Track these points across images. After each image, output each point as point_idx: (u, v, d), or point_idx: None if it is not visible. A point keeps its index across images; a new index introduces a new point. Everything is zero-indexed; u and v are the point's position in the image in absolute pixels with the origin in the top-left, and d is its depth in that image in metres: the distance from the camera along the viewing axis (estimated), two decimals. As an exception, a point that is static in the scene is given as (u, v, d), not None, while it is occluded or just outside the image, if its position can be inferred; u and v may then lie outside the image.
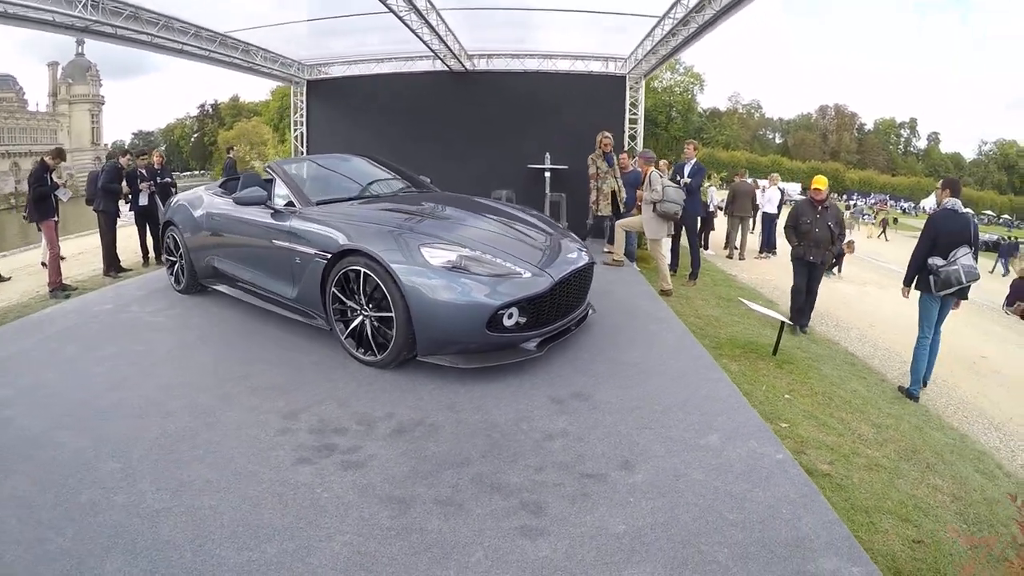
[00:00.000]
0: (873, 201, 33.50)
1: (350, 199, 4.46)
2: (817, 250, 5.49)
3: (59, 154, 6.63)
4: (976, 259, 4.41)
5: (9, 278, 7.84)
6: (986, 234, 26.80)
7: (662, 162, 8.56)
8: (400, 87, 10.72)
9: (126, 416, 3.02)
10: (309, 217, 4.05)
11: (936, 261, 4.41)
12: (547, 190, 9.18)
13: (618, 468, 2.57)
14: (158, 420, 2.98)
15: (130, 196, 7.41)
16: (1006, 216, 53.08)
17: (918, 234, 4.73)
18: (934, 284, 4.43)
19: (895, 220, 34.60)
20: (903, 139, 68.72)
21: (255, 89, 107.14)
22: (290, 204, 4.23)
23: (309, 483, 2.44)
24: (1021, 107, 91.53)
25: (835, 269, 10.75)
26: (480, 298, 3.29)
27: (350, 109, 11.06)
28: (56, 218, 6.45)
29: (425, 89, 10.56)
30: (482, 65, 10.40)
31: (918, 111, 69.89)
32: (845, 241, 6.36)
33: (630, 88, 10.19)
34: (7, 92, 54.13)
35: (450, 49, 9.05)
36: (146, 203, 7.59)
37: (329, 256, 3.69)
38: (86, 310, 5.06)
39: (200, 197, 5.21)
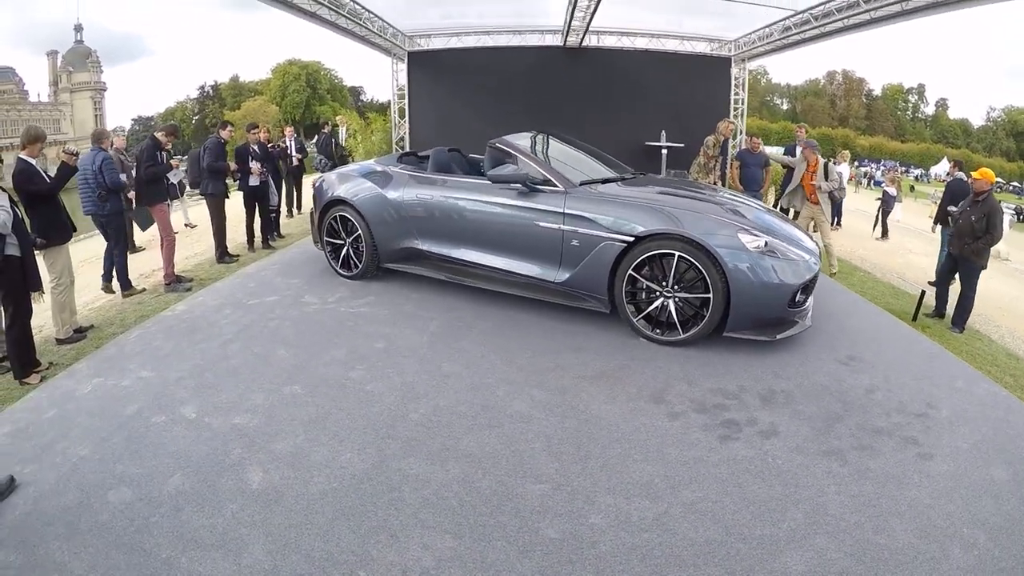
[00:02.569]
0: (885, 168, 34.69)
1: (605, 180, 4.85)
2: (957, 241, 5.90)
3: (173, 131, 6.29)
4: None
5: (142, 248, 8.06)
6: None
7: (754, 139, 9.18)
8: (506, 61, 10.95)
9: (492, 437, 3.06)
10: (587, 198, 4.34)
11: (952, 208, 6.69)
12: (663, 167, 9.81)
13: (928, 407, 3.49)
14: (539, 429, 3.10)
15: (239, 175, 7.19)
16: (1015, 183, 54.71)
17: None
18: (952, 220, 6.37)
19: (911, 188, 35.55)
20: (911, 105, 69.89)
21: (254, 68, 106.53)
22: (546, 184, 4.47)
23: (754, 455, 2.91)
24: None
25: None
26: (786, 279, 3.96)
27: (453, 83, 11.18)
28: (169, 202, 6.36)
29: (533, 64, 10.86)
30: (591, 42, 10.78)
31: (926, 77, 70.52)
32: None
33: (735, 70, 10.85)
34: (7, 84, 53.52)
35: (568, 24, 9.38)
36: (257, 183, 7.29)
37: (631, 239, 4.07)
38: (249, 306, 5.01)
39: (387, 175, 5.35)
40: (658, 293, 4.17)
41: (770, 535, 2.37)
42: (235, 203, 7.42)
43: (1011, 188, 52.65)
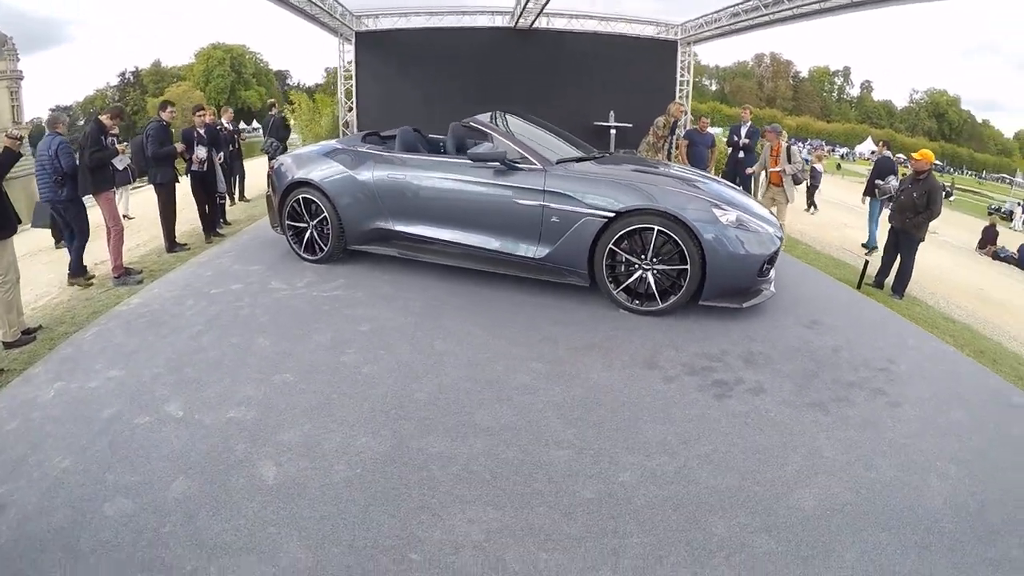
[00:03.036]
0: (812, 147, 36.63)
1: (579, 159, 4.96)
2: (898, 216, 6.28)
3: (118, 113, 5.85)
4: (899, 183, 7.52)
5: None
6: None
7: (703, 119, 9.61)
8: (455, 42, 10.84)
9: (505, 409, 3.12)
10: (566, 176, 4.45)
11: (879, 182, 8.75)
12: (612, 146, 10.04)
13: (888, 363, 3.88)
14: (547, 399, 3.23)
15: (188, 158, 6.75)
16: (937, 162, 58.71)
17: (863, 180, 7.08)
18: (878, 193, 8.62)
19: (838, 166, 37.48)
20: (837, 87, 73.10)
21: (176, 53, 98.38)
22: (524, 162, 4.55)
23: (748, 410, 3.18)
24: (950, 55, 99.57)
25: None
26: (756, 250, 4.24)
27: (401, 64, 10.98)
28: (115, 189, 5.86)
29: (482, 46, 10.82)
30: (540, 24, 10.80)
31: (851, 60, 74.38)
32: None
33: (681, 53, 11.20)
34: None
35: (524, 5, 9.41)
36: (202, 169, 6.84)
37: (612, 215, 4.23)
38: (213, 296, 4.79)
39: (355, 155, 5.24)
40: (637, 266, 4.36)
41: (779, 477, 2.65)
42: (182, 189, 6.92)
43: (934, 167, 56.40)
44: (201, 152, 6.74)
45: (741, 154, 8.63)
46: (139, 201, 9.93)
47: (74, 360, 3.82)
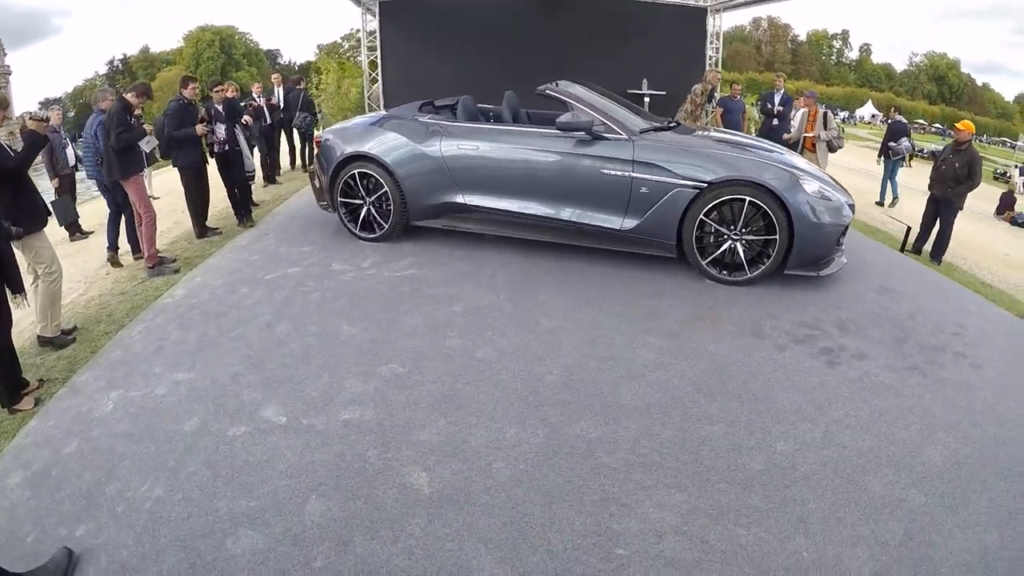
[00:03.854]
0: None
1: (656, 128, 4.68)
2: (940, 185, 6.34)
3: (144, 91, 5.16)
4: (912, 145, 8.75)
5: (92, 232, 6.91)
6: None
7: (735, 86, 9.27)
8: (483, 10, 10.27)
9: (643, 387, 2.97)
10: (655, 146, 4.26)
11: (892, 144, 9.48)
12: (648, 115, 9.71)
13: (959, 328, 3.91)
14: (679, 373, 3.09)
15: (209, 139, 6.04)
16: (937, 124, 58.09)
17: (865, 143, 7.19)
18: (893, 153, 9.39)
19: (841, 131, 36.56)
20: (836, 50, 71.99)
21: (165, 38, 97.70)
22: (609, 132, 4.34)
23: (859, 376, 3.19)
24: (950, 19, 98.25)
25: None
26: (835, 219, 4.11)
27: (428, 33, 10.36)
28: (143, 172, 5.28)
29: (510, 13, 10.27)
30: None
31: (850, 23, 73.07)
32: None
33: (711, 22, 10.84)
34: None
35: None
36: (225, 149, 6.14)
37: (704, 185, 4.07)
38: (270, 282, 4.34)
39: (419, 125, 4.87)
40: (726, 236, 4.21)
41: (907, 437, 2.68)
42: (213, 170, 6.42)
43: (932, 129, 55.92)
44: (220, 131, 5.97)
45: (775, 121, 8.33)
46: (162, 180, 9.26)
47: (127, 364, 3.34)
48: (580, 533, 2.04)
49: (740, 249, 4.20)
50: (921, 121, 58.42)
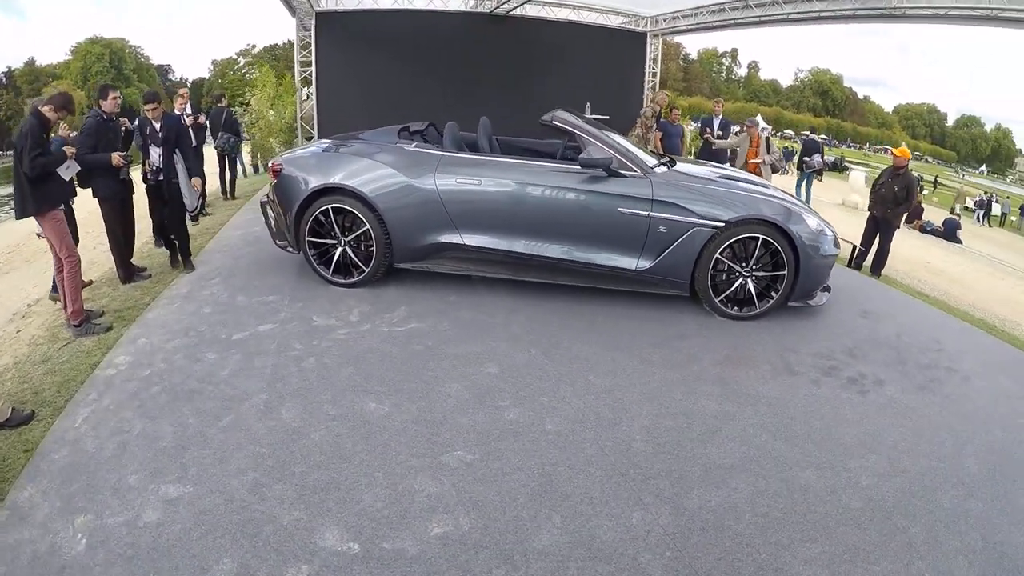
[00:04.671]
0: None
1: (662, 163, 4.67)
2: (880, 206, 6.91)
3: (65, 103, 4.21)
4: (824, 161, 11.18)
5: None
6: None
7: (675, 111, 9.69)
8: (425, 27, 9.94)
9: (728, 442, 2.93)
10: (672, 184, 4.25)
11: (806, 159, 10.99)
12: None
13: (938, 344, 4.39)
14: (751, 423, 3.12)
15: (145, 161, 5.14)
16: (823, 136, 63.88)
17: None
18: (805, 167, 10.91)
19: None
20: (725, 67, 77.71)
21: (51, 51, 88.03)
22: (623, 168, 4.28)
23: (887, 401, 3.48)
24: (839, 37, 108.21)
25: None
26: (832, 251, 4.44)
27: (366, 49, 9.75)
28: (62, 206, 4.31)
29: (453, 31, 10.04)
30: (510, 11, 10.29)
31: (738, 41, 78.86)
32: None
33: (651, 45, 11.29)
34: None
35: None
36: (159, 179, 5.09)
37: (722, 225, 4.13)
38: (241, 343, 3.71)
39: (408, 154, 4.47)
40: (738, 273, 4.33)
41: (945, 453, 2.98)
42: (140, 198, 5.28)
43: (821, 139, 61.32)
44: (155, 156, 4.98)
45: (715, 146, 8.82)
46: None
47: (83, 471, 2.57)
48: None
49: (751, 285, 4.33)
50: (806, 133, 64.06)
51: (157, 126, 4.96)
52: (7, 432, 2.92)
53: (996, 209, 28.26)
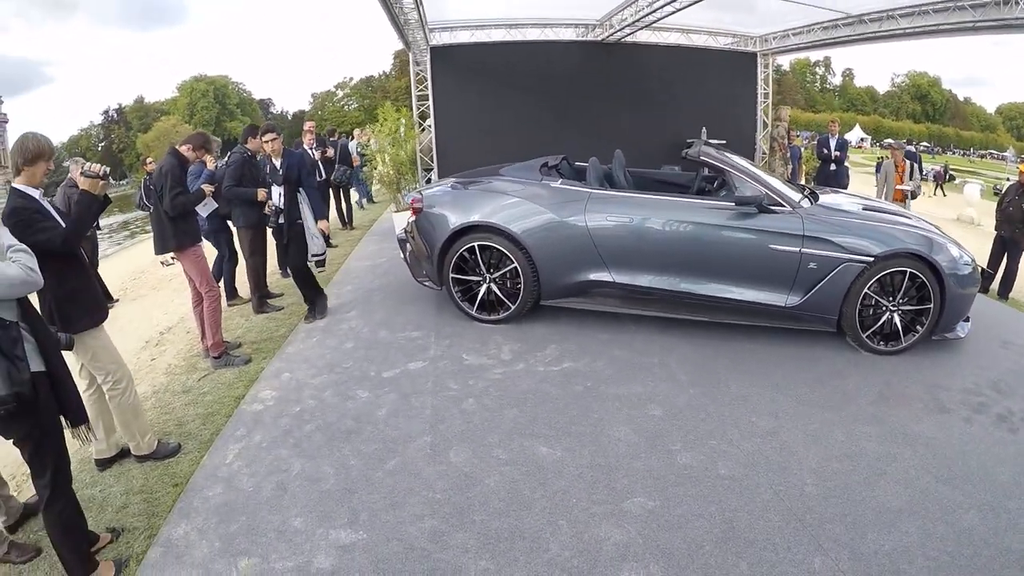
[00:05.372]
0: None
1: (804, 197, 4.56)
2: (1008, 226, 6.64)
3: (202, 143, 4.55)
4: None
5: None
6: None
7: (792, 132, 9.53)
8: (534, 57, 10.26)
9: (899, 487, 2.88)
10: (823, 220, 4.23)
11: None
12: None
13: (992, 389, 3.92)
14: (914, 463, 3.05)
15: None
16: (925, 143, 59.57)
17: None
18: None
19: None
20: (819, 77, 74.67)
21: (159, 88, 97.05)
22: (774, 204, 4.26)
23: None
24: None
25: None
26: (974, 284, 4.34)
27: (479, 80, 10.24)
28: (202, 242, 4.55)
29: (563, 60, 10.31)
30: (622, 38, 10.47)
31: (830, 49, 75.48)
32: None
33: (761, 65, 11.15)
34: None
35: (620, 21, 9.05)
36: (279, 221, 4.89)
37: (872, 259, 4.08)
38: (393, 381, 3.82)
39: (555, 191, 4.54)
40: (884, 307, 4.22)
41: None
42: None
43: (923, 148, 57.23)
44: (276, 197, 4.74)
45: (833, 167, 8.53)
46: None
47: (241, 511, 2.63)
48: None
49: (897, 319, 4.21)
50: (891, 141, 59.86)
51: (278, 163, 4.72)
52: (154, 464, 3.09)
53: None
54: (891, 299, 4.19)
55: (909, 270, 4.10)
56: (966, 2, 7.09)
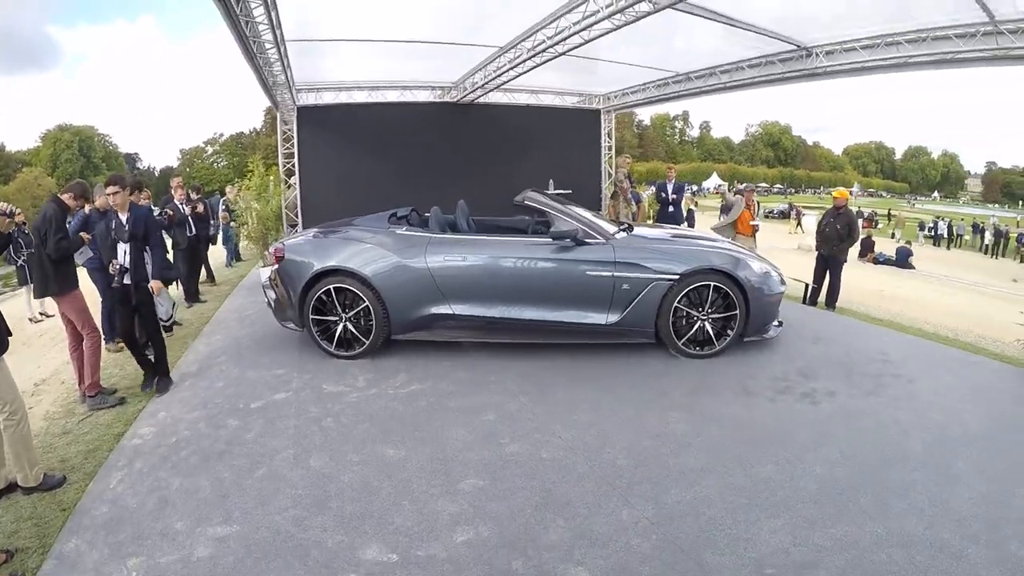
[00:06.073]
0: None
1: (621, 230, 5.45)
2: (826, 245, 7.83)
3: (82, 192, 4.78)
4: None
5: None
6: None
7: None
8: (393, 117, 11.02)
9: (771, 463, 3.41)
10: (631, 247, 5.05)
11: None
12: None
13: (884, 356, 5.13)
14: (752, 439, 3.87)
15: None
16: (779, 186, 67.24)
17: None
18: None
19: (696, 204, 40.71)
20: (678, 130, 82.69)
21: (21, 137, 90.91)
22: (588, 236, 5.00)
23: (836, 408, 4.11)
24: (781, 91, 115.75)
25: None
26: (778, 289, 5.26)
27: (342, 139, 10.80)
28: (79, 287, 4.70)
29: (419, 120, 11.14)
30: (475, 99, 11.36)
31: (688, 104, 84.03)
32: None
33: (604, 121, 12.70)
34: None
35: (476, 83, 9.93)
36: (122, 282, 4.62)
37: (676, 277, 4.87)
38: (260, 411, 4.17)
39: (399, 237, 5.16)
40: (696, 317, 5.02)
41: (892, 440, 3.64)
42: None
43: (776, 190, 64.56)
44: (121, 255, 4.46)
45: (671, 208, 9.85)
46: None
47: (127, 522, 2.98)
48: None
49: (708, 326, 5.02)
50: (764, 184, 67.50)
51: (123, 218, 4.44)
52: (40, 495, 3.31)
53: (943, 230, 30.36)
54: (700, 310, 4.98)
55: (713, 283, 4.90)
56: (775, 58, 8.84)
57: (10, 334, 3.32)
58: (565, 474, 3.30)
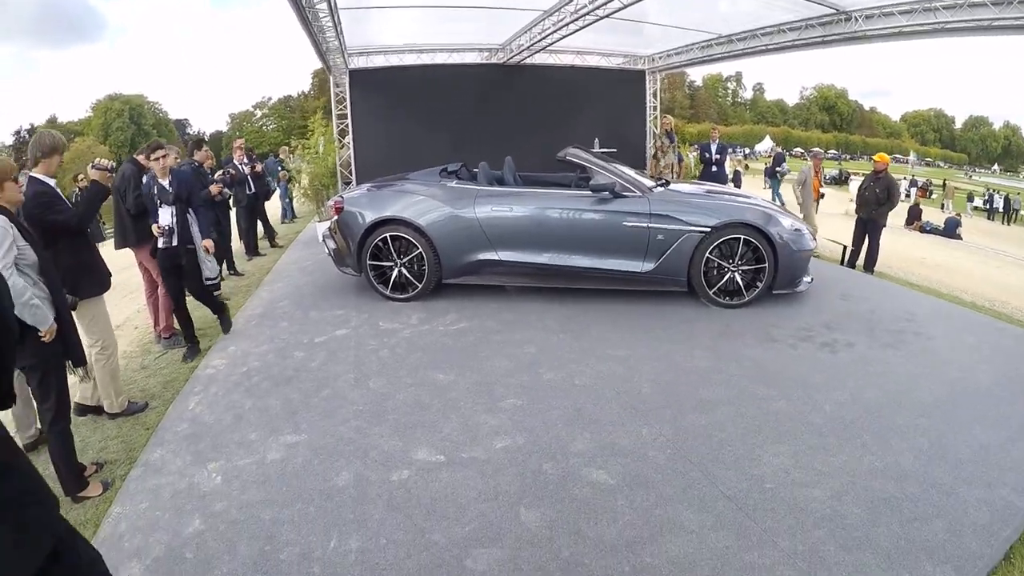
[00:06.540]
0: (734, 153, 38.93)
1: (660, 185, 5.71)
2: (864, 208, 7.87)
3: (155, 148, 4.58)
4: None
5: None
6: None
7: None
8: (444, 79, 11.37)
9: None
10: (666, 200, 5.31)
11: (778, 168, 14.39)
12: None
13: (910, 315, 5.25)
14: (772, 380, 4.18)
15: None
16: (833, 151, 64.81)
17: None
18: (779, 175, 14.41)
19: (746, 167, 39.91)
20: (731, 91, 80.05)
21: (73, 107, 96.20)
22: (626, 190, 5.28)
23: (856, 358, 4.31)
24: (840, 52, 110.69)
25: None
26: (807, 246, 5.38)
27: (393, 99, 11.25)
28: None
29: (469, 82, 11.47)
30: (521, 61, 11.59)
31: (742, 65, 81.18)
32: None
33: (649, 81, 12.72)
34: None
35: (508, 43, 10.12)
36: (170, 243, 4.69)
37: (708, 230, 5.15)
38: (323, 345, 4.63)
39: (450, 190, 5.53)
40: (727, 269, 5.27)
41: (900, 389, 3.79)
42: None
43: (830, 156, 62.19)
44: (166, 217, 4.51)
45: (714, 168, 9.92)
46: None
47: (206, 436, 3.40)
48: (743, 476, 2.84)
49: (738, 278, 5.26)
50: (816, 149, 64.76)
51: (166, 182, 4.51)
52: (125, 419, 3.78)
53: (999, 204, 28.89)
54: (731, 261, 5.23)
55: (743, 237, 5.13)
56: (815, 21, 8.75)
57: (110, 274, 3.77)
58: (595, 398, 3.68)
